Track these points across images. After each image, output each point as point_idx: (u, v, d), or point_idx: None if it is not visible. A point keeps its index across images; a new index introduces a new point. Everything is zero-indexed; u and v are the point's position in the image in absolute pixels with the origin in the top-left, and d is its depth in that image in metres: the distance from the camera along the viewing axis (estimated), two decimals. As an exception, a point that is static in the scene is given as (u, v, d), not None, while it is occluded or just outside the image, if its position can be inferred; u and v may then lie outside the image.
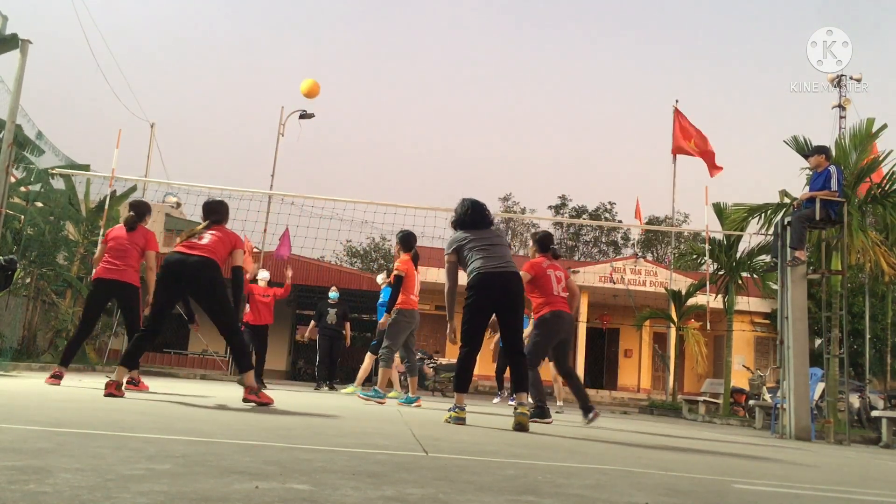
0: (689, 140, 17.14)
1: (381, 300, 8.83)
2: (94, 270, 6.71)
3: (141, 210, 6.82)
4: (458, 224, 5.11)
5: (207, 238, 5.16)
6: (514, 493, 1.94)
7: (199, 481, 1.73)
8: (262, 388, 9.53)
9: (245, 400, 4.97)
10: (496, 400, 11.53)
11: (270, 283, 10.87)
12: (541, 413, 6.16)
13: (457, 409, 4.80)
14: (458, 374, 4.94)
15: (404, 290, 7.27)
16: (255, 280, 10.55)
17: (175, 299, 5.27)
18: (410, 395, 7.53)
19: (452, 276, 5.01)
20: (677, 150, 17.41)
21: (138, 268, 6.61)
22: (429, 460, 2.59)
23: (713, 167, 17.00)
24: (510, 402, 10.95)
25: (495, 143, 69.74)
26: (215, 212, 5.43)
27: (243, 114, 73.01)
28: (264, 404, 4.96)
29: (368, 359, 8.70)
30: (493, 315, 4.95)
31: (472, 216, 5.09)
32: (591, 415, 6.29)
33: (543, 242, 6.66)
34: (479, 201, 5.21)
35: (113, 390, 4.84)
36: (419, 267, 7.75)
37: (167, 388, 7.26)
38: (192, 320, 6.14)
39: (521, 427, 4.57)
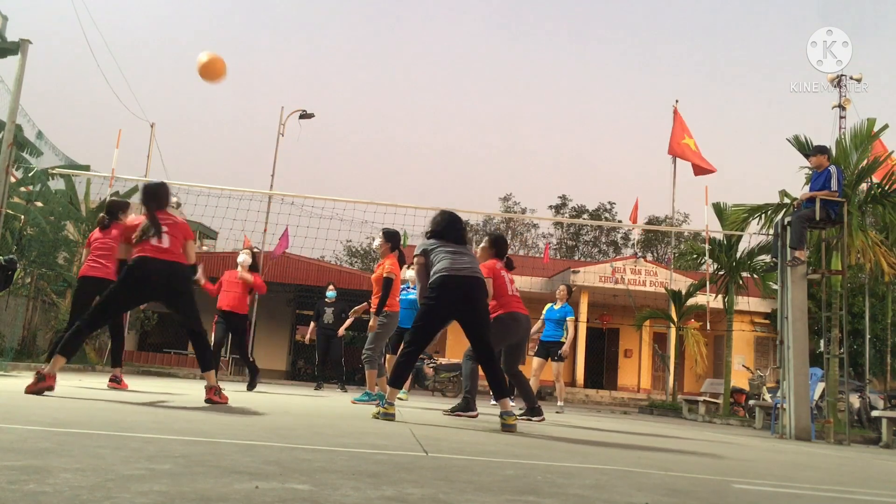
0: (685, 136, 17.11)
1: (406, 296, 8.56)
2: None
3: (112, 209, 6.77)
4: (432, 234, 5.05)
5: (167, 240, 4.95)
6: (514, 493, 1.94)
7: (199, 481, 1.73)
8: (254, 386, 9.05)
9: (207, 400, 4.92)
10: (493, 402, 11.51)
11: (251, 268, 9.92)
12: (466, 406, 6.10)
13: (387, 404, 4.67)
14: (397, 370, 4.77)
15: (393, 292, 7.14)
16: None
17: (137, 303, 5.20)
18: (373, 392, 7.22)
19: (423, 278, 4.97)
20: (672, 151, 17.35)
21: None
22: (429, 460, 2.59)
23: (701, 167, 16.96)
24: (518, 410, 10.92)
25: (496, 143, 69.79)
26: (156, 196, 5.11)
27: (243, 114, 73.03)
28: (221, 403, 4.94)
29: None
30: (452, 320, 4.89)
31: (448, 228, 5.03)
32: (536, 418, 6.29)
33: (501, 247, 6.46)
34: (458, 217, 5.17)
35: (44, 385, 4.49)
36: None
37: (166, 389, 7.26)
38: None
39: (509, 430, 4.52)
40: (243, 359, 9.00)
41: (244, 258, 8.82)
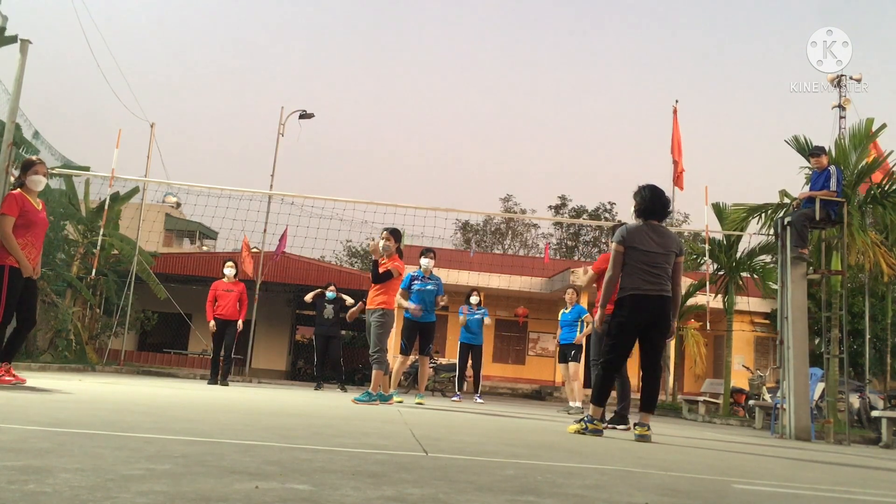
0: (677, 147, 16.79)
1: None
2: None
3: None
4: (640, 212, 4.97)
5: None
6: (514, 493, 1.94)
7: (199, 481, 1.73)
8: (225, 384, 9.86)
9: None
10: (455, 398, 11.46)
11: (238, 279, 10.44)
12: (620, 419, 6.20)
13: (594, 422, 4.80)
14: (598, 389, 4.86)
15: (391, 291, 7.18)
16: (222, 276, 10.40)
17: None
18: (384, 392, 7.25)
19: (617, 266, 4.88)
20: (674, 153, 17.09)
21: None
22: (429, 460, 2.59)
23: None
24: (477, 400, 10.90)
25: (496, 144, 69.81)
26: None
27: (243, 114, 73.04)
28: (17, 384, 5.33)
29: (423, 364, 8.61)
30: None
31: (653, 203, 4.94)
32: (621, 426, 6.19)
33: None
34: (659, 189, 5.04)
35: None
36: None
37: (165, 388, 7.26)
38: None
39: (641, 439, 4.67)
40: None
41: (230, 272, 10.19)
